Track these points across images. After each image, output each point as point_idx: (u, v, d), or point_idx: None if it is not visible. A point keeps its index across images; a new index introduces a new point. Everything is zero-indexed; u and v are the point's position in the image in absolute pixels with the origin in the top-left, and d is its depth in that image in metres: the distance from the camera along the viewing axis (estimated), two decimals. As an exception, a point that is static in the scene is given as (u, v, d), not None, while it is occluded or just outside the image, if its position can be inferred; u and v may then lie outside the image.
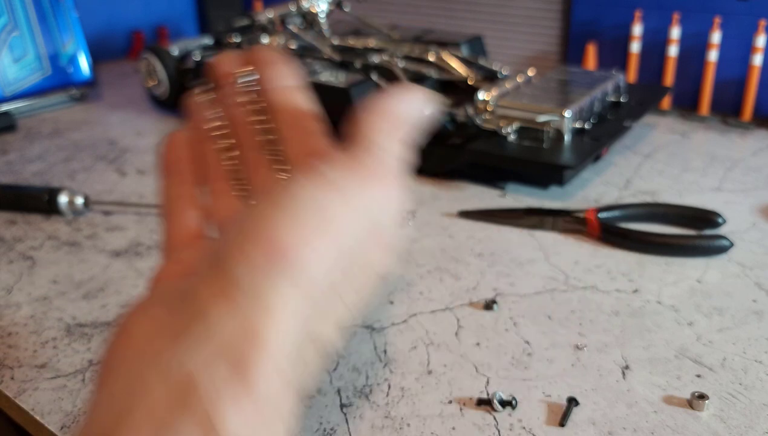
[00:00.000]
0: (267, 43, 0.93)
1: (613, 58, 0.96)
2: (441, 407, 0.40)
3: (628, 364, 0.44)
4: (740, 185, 0.69)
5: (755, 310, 0.49)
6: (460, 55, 0.88)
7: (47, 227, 0.64)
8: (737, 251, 0.57)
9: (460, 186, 0.70)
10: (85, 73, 1.00)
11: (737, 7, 0.85)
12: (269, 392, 0.21)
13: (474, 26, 1.07)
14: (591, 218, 0.59)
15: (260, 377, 0.21)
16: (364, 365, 0.44)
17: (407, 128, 0.28)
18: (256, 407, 0.20)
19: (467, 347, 0.46)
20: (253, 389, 0.20)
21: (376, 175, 0.25)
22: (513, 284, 0.53)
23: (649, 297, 0.51)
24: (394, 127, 0.27)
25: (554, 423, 0.39)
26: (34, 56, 0.95)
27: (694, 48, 0.89)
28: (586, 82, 0.77)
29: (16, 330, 0.48)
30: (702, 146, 0.80)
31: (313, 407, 0.41)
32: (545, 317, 0.49)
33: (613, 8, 0.94)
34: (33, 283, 0.54)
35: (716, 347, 0.45)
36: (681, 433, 0.38)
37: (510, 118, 0.70)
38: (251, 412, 0.20)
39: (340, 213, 0.23)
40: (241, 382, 0.20)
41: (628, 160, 0.76)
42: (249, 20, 0.93)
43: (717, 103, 0.89)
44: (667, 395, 0.41)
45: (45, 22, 0.95)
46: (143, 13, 1.27)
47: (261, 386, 0.21)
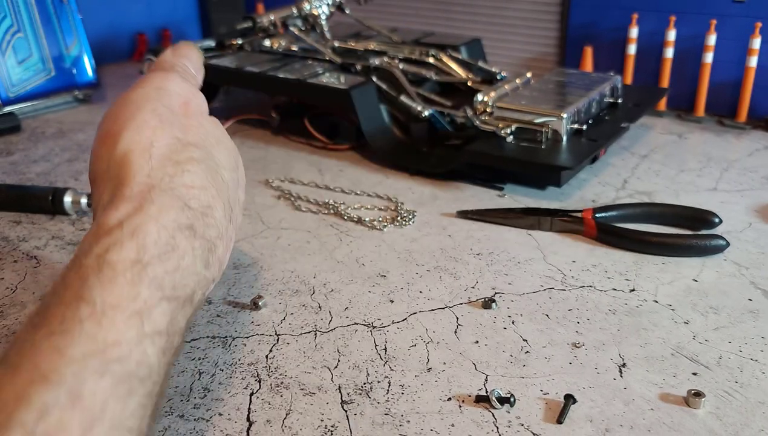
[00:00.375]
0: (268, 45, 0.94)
1: (610, 61, 0.96)
2: (440, 404, 0.41)
3: (625, 362, 0.44)
4: (736, 186, 0.70)
5: (751, 309, 0.50)
6: (459, 58, 0.89)
7: (51, 226, 0.64)
8: (733, 251, 0.57)
9: (459, 186, 0.71)
10: (88, 75, 1.01)
11: (733, 9, 0.86)
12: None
13: (473, 29, 1.08)
14: (588, 218, 0.60)
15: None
16: (365, 363, 0.45)
17: (180, 65, 0.42)
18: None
19: (466, 345, 0.46)
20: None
21: (146, 76, 0.38)
22: (511, 283, 0.54)
23: (646, 296, 0.51)
24: (164, 66, 0.41)
25: (552, 420, 0.39)
26: (39, 58, 0.95)
27: (691, 50, 0.89)
28: (583, 84, 0.78)
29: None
30: (698, 147, 0.80)
31: (315, 404, 0.41)
32: (543, 315, 0.49)
33: (610, 11, 0.95)
34: (37, 282, 0.55)
35: (712, 345, 0.46)
36: (677, 430, 0.39)
37: (508, 120, 0.71)
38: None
39: (127, 95, 0.36)
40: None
41: (625, 161, 0.76)
42: (251, 23, 0.94)
43: (713, 105, 0.89)
44: (663, 393, 0.41)
45: (49, 24, 0.96)
46: (146, 16, 1.27)
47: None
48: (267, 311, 0.51)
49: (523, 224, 0.62)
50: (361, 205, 0.67)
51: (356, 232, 0.62)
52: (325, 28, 0.95)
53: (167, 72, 0.39)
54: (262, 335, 0.48)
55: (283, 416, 0.40)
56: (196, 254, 0.32)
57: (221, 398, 0.42)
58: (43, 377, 0.24)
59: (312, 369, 0.44)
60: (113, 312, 0.27)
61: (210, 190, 0.34)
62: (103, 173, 0.33)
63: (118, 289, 0.28)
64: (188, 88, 0.39)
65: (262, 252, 0.59)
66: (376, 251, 0.59)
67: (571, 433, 0.38)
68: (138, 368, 0.27)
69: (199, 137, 0.36)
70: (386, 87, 0.80)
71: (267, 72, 0.83)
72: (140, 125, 0.34)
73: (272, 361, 0.45)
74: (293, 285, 0.54)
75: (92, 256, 0.28)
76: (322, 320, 0.50)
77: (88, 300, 0.27)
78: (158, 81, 0.38)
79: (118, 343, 0.26)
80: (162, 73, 0.39)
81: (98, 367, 0.25)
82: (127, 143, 0.33)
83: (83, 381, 0.25)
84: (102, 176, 0.33)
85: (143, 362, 0.27)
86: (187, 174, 0.33)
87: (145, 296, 0.28)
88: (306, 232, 0.62)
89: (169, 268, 0.30)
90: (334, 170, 0.76)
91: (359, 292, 0.53)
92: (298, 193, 0.70)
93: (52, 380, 0.24)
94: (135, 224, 0.30)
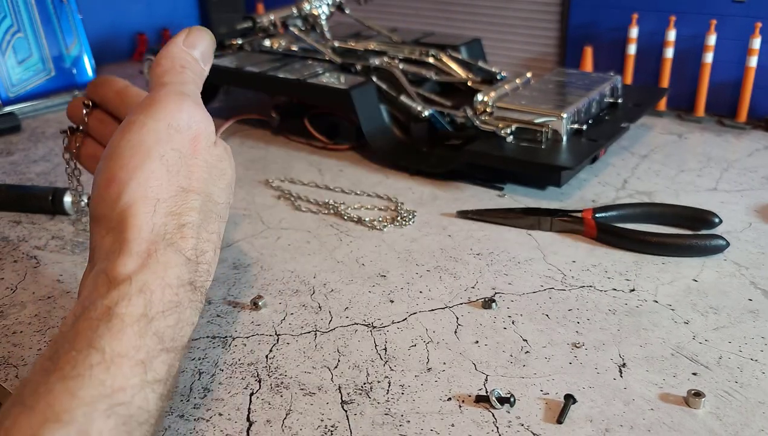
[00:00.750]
0: (268, 45, 0.94)
1: (610, 61, 0.96)
2: (440, 404, 0.41)
3: (625, 362, 0.44)
4: (736, 186, 0.70)
5: (751, 309, 0.50)
6: (460, 58, 0.89)
7: (51, 226, 0.64)
8: (733, 251, 0.57)
9: (459, 186, 0.71)
10: (88, 75, 1.01)
11: (733, 9, 0.86)
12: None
13: (473, 29, 1.08)
14: (588, 218, 0.60)
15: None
16: (365, 363, 0.45)
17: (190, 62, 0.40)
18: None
19: (466, 345, 0.46)
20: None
21: (156, 99, 0.37)
22: (511, 283, 0.54)
23: (646, 296, 0.51)
24: (174, 65, 0.39)
25: (552, 420, 0.39)
26: (39, 58, 0.95)
27: (691, 50, 0.89)
28: (583, 84, 0.78)
29: (21, 329, 0.49)
30: (698, 147, 0.80)
31: (315, 404, 0.41)
32: (543, 315, 0.49)
33: (610, 11, 0.95)
34: (37, 282, 0.55)
35: (712, 345, 0.46)
36: (677, 430, 0.39)
37: (508, 120, 0.71)
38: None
39: (138, 134, 0.35)
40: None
41: (625, 161, 0.76)
42: (251, 23, 0.94)
43: (713, 105, 0.89)
44: (663, 393, 0.41)
45: (49, 24, 0.96)
46: (146, 16, 1.27)
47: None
48: (267, 311, 0.51)
49: (523, 224, 0.62)
50: (361, 205, 0.67)
51: (356, 232, 0.62)
52: (325, 28, 0.95)
53: (180, 97, 0.38)
54: (262, 335, 0.48)
55: (283, 416, 0.40)
56: (193, 306, 0.34)
57: (221, 398, 0.42)
58: (56, 416, 0.27)
59: (312, 369, 0.44)
60: (120, 360, 0.30)
61: (203, 235, 0.36)
62: (106, 218, 0.35)
63: (126, 339, 0.30)
64: (200, 118, 0.38)
65: (262, 252, 0.59)
66: (376, 251, 0.59)
67: (571, 433, 0.39)
68: (138, 413, 0.29)
69: (201, 181, 0.37)
70: (386, 87, 0.80)
71: (267, 72, 0.83)
72: (148, 177, 0.35)
73: (272, 361, 0.45)
74: (293, 285, 0.54)
75: (102, 307, 0.31)
76: (322, 320, 0.50)
77: (98, 348, 0.29)
78: (170, 115, 0.37)
79: (123, 388, 0.29)
80: (174, 99, 0.37)
81: (105, 409, 0.28)
82: (132, 196, 0.34)
83: (92, 421, 0.27)
84: (104, 220, 0.35)
85: (143, 408, 0.30)
86: (187, 227, 0.35)
87: (148, 348, 0.31)
88: (306, 232, 0.62)
89: (171, 322, 0.33)
90: (334, 170, 0.76)
91: (359, 292, 0.53)
92: (298, 194, 0.70)
93: (64, 419, 0.27)
94: (142, 281, 0.32)
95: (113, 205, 0.34)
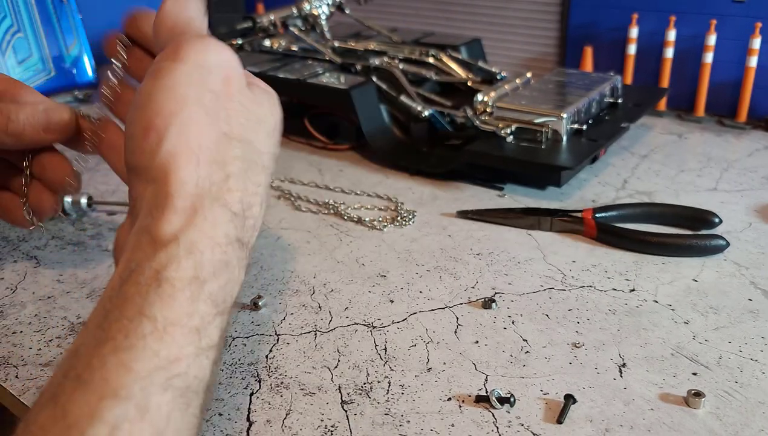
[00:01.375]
0: (268, 45, 0.94)
1: (610, 61, 0.96)
2: (440, 404, 0.41)
3: (625, 362, 0.44)
4: (736, 186, 0.70)
5: (751, 309, 0.50)
6: (460, 58, 0.89)
7: (51, 226, 0.64)
8: (733, 251, 0.57)
9: (459, 187, 0.71)
10: (88, 75, 1.01)
11: (733, 9, 0.86)
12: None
13: (473, 29, 1.08)
14: (588, 218, 0.60)
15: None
16: (365, 363, 0.45)
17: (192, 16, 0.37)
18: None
19: (466, 345, 0.46)
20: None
21: (180, 43, 0.34)
22: (511, 283, 0.54)
23: (646, 296, 0.51)
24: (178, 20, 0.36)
25: (552, 420, 0.39)
26: (38, 58, 0.95)
27: (691, 50, 0.89)
28: (583, 84, 0.78)
29: (21, 329, 0.49)
30: (698, 147, 0.80)
31: (315, 404, 0.41)
32: (543, 315, 0.49)
33: (610, 11, 0.95)
34: (37, 282, 0.55)
35: (712, 345, 0.46)
36: (677, 430, 0.39)
37: (508, 120, 0.71)
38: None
39: (169, 79, 0.32)
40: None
41: (625, 161, 0.76)
42: (251, 23, 0.94)
43: (713, 105, 0.89)
44: (663, 393, 0.41)
45: (49, 24, 0.96)
46: (145, 16, 1.27)
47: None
48: (267, 311, 0.51)
49: (523, 224, 0.62)
50: (361, 205, 0.67)
51: (356, 232, 0.62)
52: (325, 28, 0.95)
53: (203, 38, 0.35)
54: (262, 335, 0.48)
55: (283, 416, 0.40)
56: (241, 264, 0.32)
57: (221, 398, 0.42)
58: (113, 392, 0.26)
59: (312, 369, 0.44)
60: (173, 329, 0.28)
61: (249, 188, 0.33)
62: (145, 170, 0.32)
63: (178, 306, 0.28)
64: (227, 56, 0.35)
65: (262, 252, 0.59)
66: (376, 251, 0.59)
67: (571, 433, 0.39)
68: (195, 382, 0.28)
69: (241, 127, 0.34)
70: (386, 87, 0.80)
71: (267, 72, 0.83)
72: (187, 123, 0.32)
73: (272, 361, 0.45)
74: (293, 285, 0.54)
75: (150, 270, 0.29)
76: (322, 320, 0.50)
77: (150, 316, 0.28)
78: (198, 55, 0.33)
79: (178, 359, 0.28)
80: (197, 40, 0.34)
81: (162, 382, 0.27)
82: (173, 144, 0.31)
83: (150, 395, 0.26)
84: (143, 172, 0.32)
85: (199, 376, 0.29)
86: (232, 179, 0.32)
87: (201, 313, 0.29)
88: (306, 232, 0.62)
89: (222, 283, 0.30)
90: (334, 170, 0.76)
91: (359, 292, 0.53)
92: (298, 194, 0.70)
93: (121, 395, 0.26)
94: (190, 241, 0.30)
95: (153, 156, 0.31)
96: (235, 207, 0.32)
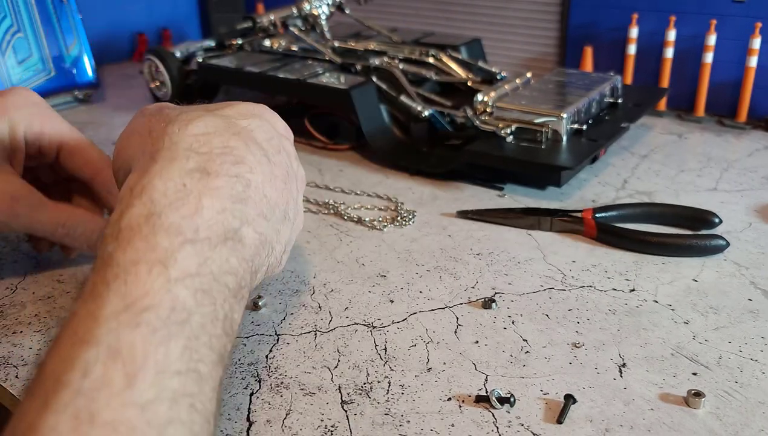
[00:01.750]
0: (268, 45, 0.94)
1: (610, 61, 0.96)
2: (440, 404, 0.41)
3: (624, 362, 0.44)
4: (736, 186, 0.70)
5: (751, 309, 0.50)
6: (460, 58, 0.89)
7: (51, 227, 0.64)
8: (733, 251, 0.57)
9: (459, 187, 0.71)
10: (88, 75, 1.01)
11: (733, 9, 0.86)
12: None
13: (473, 29, 1.08)
14: (588, 217, 0.60)
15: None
16: (365, 363, 0.45)
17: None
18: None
19: (466, 345, 0.46)
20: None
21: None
22: (511, 283, 0.54)
23: (646, 296, 0.51)
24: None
25: (552, 420, 0.39)
26: (39, 58, 0.95)
27: (691, 50, 0.89)
28: (583, 84, 0.78)
29: (21, 329, 0.49)
30: (698, 147, 0.80)
31: (315, 404, 0.41)
32: (543, 315, 0.49)
33: (610, 11, 0.95)
34: (37, 282, 0.55)
35: (712, 345, 0.46)
36: (677, 430, 0.39)
37: (508, 120, 0.71)
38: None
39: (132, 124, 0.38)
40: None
41: (625, 161, 0.76)
42: (251, 23, 0.94)
43: (713, 105, 0.89)
44: (663, 393, 0.41)
45: (49, 24, 0.96)
46: (146, 16, 1.27)
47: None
48: (267, 311, 0.51)
49: (523, 224, 0.62)
50: (361, 205, 0.67)
51: (356, 232, 0.62)
52: (325, 28, 0.95)
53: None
54: (262, 335, 0.48)
55: (283, 416, 0.40)
56: (220, 192, 0.32)
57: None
58: (81, 339, 0.26)
59: (312, 369, 0.44)
60: (135, 267, 0.28)
61: (223, 135, 0.34)
62: (120, 172, 0.36)
63: (135, 244, 0.29)
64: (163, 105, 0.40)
65: (262, 252, 0.59)
66: (376, 251, 0.59)
67: (571, 433, 0.39)
68: (173, 313, 0.27)
69: (194, 108, 0.37)
70: (386, 87, 0.80)
71: (267, 72, 0.83)
72: (131, 132, 0.36)
73: (272, 361, 0.45)
74: (293, 285, 0.54)
75: (110, 224, 0.30)
76: (322, 320, 0.50)
77: (111, 264, 0.28)
78: (145, 108, 0.39)
79: (146, 293, 0.27)
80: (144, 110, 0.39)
81: (130, 320, 0.27)
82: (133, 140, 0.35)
83: (119, 335, 0.26)
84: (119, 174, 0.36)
85: (177, 307, 0.28)
86: (191, 125, 0.33)
87: (164, 245, 0.29)
88: (306, 232, 0.62)
89: (185, 212, 0.30)
90: (334, 170, 0.76)
91: (359, 292, 0.53)
92: (298, 193, 0.70)
93: (89, 340, 0.26)
94: (141, 185, 0.31)
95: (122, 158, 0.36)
96: (203, 148, 0.33)
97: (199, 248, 0.30)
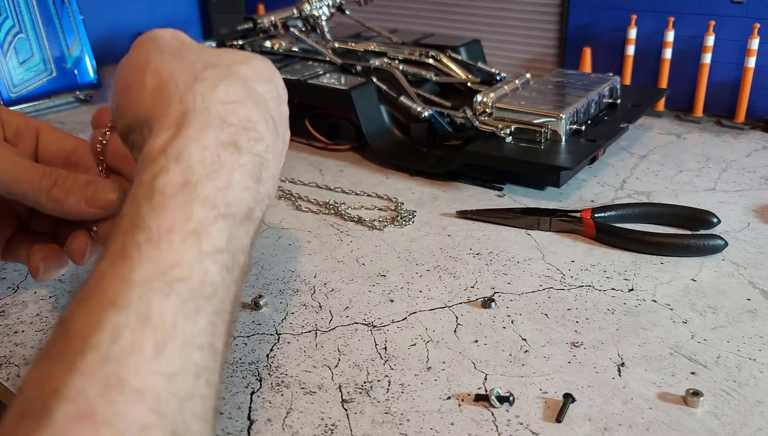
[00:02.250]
0: (268, 46, 0.94)
1: (609, 61, 0.96)
2: (440, 402, 0.41)
3: (623, 361, 0.45)
4: (734, 186, 0.70)
5: (749, 308, 0.50)
6: (459, 59, 0.89)
7: (52, 227, 0.64)
8: (731, 251, 0.57)
9: (459, 187, 0.71)
10: (90, 76, 1.01)
11: (731, 10, 0.86)
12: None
13: (472, 30, 1.08)
14: (587, 217, 0.60)
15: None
16: (365, 362, 0.45)
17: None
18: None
19: (466, 344, 0.47)
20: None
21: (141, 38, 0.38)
22: (510, 282, 0.54)
23: (645, 296, 0.52)
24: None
25: (551, 419, 0.40)
26: (40, 59, 0.96)
27: (689, 51, 0.90)
28: (582, 85, 0.78)
29: (23, 328, 0.49)
30: (697, 147, 0.81)
31: (315, 402, 0.41)
32: (542, 314, 0.50)
33: (609, 12, 0.95)
34: (39, 281, 0.55)
35: (710, 344, 0.46)
36: (675, 429, 0.39)
37: (508, 121, 0.71)
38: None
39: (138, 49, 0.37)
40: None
41: (623, 162, 0.77)
42: (251, 24, 0.94)
43: (711, 105, 0.90)
44: (661, 392, 0.42)
45: (50, 25, 0.96)
46: (147, 17, 1.27)
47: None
48: (268, 310, 0.51)
49: (523, 224, 0.62)
50: (361, 205, 0.68)
51: (356, 232, 0.63)
52: (325, 29, 0.95)
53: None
54: (263, 334, 0.48)
55: (283, 414, 0.41)
56: (245, 169, 0.32)
57: (222, 396, 0.42)
58: (111, 302, 0.25)
59: (312, 368, 0.45)
60: (169, 235, 0.27)
61: (247, 105, 0.34)
62: (136, 122, 0.34)
63: (171, 212, 0.28)
64: (173, 30, 0.38)
65: (262, 252, 0.59)
66: (376, 251, 0.59)
67: (570, 432, 0.39)
68: (202, 287, 0.27)
69: (213, 57, 0.35)
70: (386, 88, 0.80)
71: (267, 73, 0.83)
72: (156, 66, 0.34)
73: (273, 360, 0.45)
74: (294, 285, 0.54)
75: (141, 185, 0.29)
76: (323, 319, 0.50)
77: (143, 227, 0.28)
78: (147, 36, 0.37)
79: (178, 263, 0.27)
80: (146, 35, 0.38)
81: (162, 288, 0.26)
82: (150, 85, 0.33)
83: (150, 302, 0.26)
84: (135, 125, 0.34)
85: (206, 281, 0.28)
86: (219, 89, 0.33)
87: (199, 216, 0.29)
88: (306, 232, 0.63)
89: (220, 185, 0.30)
90: (334, 171, 0.76)
91: (359, 291, 0.53)
92: (298, 194, 0.70)
93: (119, 304, 0.25)
94: (177, 149, 0.30)
95: (138, 106, 0.34)
96: (231, 118, 0.32)
97: (229, 224, 0.30)
